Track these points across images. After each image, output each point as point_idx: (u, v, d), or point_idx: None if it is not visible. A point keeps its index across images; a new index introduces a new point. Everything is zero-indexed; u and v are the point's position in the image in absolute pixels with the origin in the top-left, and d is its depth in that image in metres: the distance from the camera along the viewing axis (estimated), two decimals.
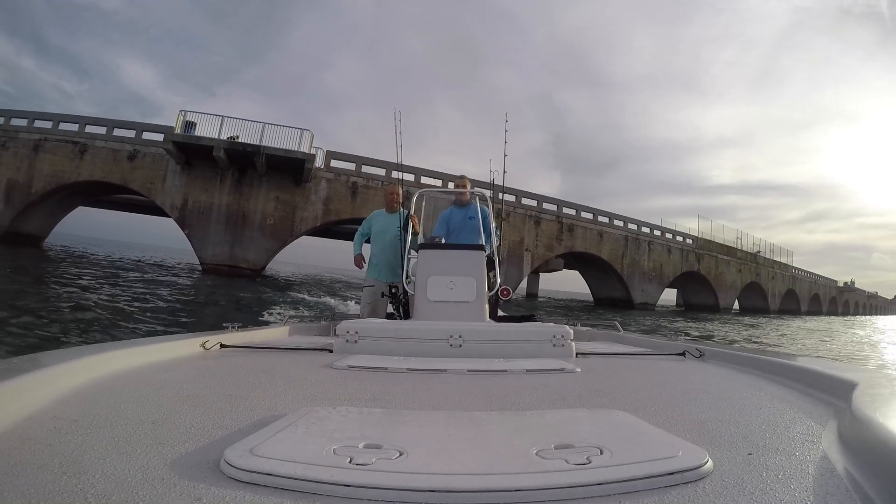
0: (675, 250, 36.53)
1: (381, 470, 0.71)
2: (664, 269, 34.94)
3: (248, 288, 15.50)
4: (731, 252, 43.05)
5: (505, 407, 1.28)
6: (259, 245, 21.75)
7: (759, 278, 46.26)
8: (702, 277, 38.95)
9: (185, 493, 0.66)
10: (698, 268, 38.19)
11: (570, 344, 2.16)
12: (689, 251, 37.90)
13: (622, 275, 31.64)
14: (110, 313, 7.30)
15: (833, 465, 0.81)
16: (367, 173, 23.46)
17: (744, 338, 15.90)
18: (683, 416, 1.15)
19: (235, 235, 21.43)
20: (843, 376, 1.31)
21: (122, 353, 1.55)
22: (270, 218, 21.79)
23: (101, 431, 0.91)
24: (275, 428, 0.90)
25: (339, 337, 2.14)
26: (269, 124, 20.54)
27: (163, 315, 8.32)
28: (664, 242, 35.57)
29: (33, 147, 21.46)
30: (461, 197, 4.10)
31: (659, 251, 34.61)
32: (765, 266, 48.59)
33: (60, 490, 0.66)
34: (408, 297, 3.23)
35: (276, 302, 11.92)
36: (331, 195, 22.58)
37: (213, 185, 21.45)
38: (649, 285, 33.41)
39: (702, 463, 0.75)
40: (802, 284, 57.82)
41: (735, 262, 43.17)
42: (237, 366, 1.73)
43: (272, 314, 8.38)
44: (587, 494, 0.67)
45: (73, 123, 22.30)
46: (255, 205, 21.67)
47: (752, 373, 1.73)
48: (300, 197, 22.10)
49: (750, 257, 46.09)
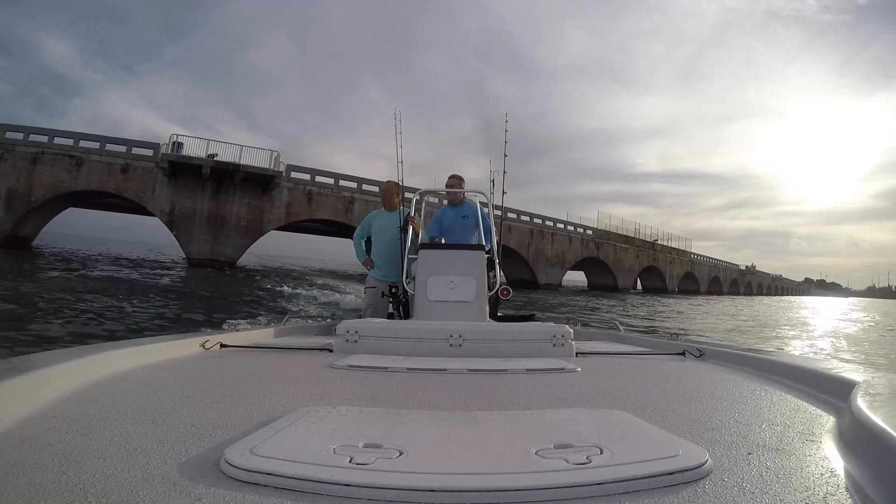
0: (576, 239, 41.48)
1: (381, 470, 0.69)
2: (566, 256, 39.95)
3: (237, 282, 16.92)
4: (629, 241, 47.25)
5: (505, 407, 1.26)
6: (234, 242, 25.38)
7: (656, 262, 50.93)
8: (601, 262, 43.89)
9: (185, 493, 0.65)
10: (598, 254, 43.12)
11: (570, 343, 2.11)
12: (590, 240, 42.82)
13: (528, 261, 35.69)
14: (141, 296, 9.80)
15: (833, 465, 0.80)
16: (320, 182, 27.59)
17: (613, 309, 19.04)
18: (683, 416, 1.12)
19: (215, 234, 24.79)
20: (842, 376, 1.31)
21: (122, 353, 1.50)
22: (243, 220, 25.45)
23: (101, 431, 0.89)
24: (275, 428, 0.88)
25: (339, 337, 2.09)
26: (245, 146, 24.70)
27: (171, 298, 10.44)
28: (566, 234, 40.33)
29: (31, 159, 23.15)
30: (453, 197, 3.94)
31: (561, 240, 39.39)
32: (662, 252, 53.06)
33: (60, 490, 0.64)
34: (408, 296, 3.15)
35: (268, 298, 12.55)
36: (291, 200, 26.53)
37: (196, 193, 24.54)
38: (552, 269, 37.68)
39: (702, 463, 0.74)
40: (701, 268, 62.39)
41: (633, 248, 47.50)
42: (237, 366, 1.70)
43: (271, 314, 8.30)
44: (587, 494, 0.65)
45: (69, 139, 24.21)
46: (230, 209, 25.11)
47: (751, 373, 1.69)
48: (267, 202, 25.88)
49: (647, 245, 50.95)
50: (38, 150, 23.55)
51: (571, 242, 40.96)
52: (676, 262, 56.45)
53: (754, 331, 14.60)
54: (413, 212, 3.65)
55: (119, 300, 9.37)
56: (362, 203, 28.22)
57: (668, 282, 53.04)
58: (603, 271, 45.36)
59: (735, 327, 15.38)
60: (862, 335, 15.61)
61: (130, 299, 9.61)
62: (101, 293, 10.09)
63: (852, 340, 13.51)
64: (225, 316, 8.38)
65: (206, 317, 8.35)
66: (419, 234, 3.58)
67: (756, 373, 1.66)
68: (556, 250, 38.82)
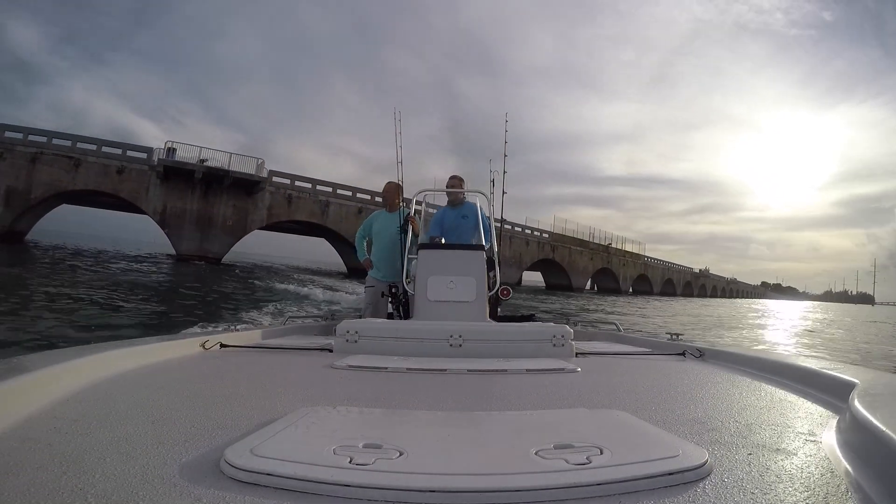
0: (533, 242, 44.05)
1: (381, 470, 0.68)
2: (523, 257, 42.38)
3: (223, 279, 17.49)
4: (583, 244, 50.67)
5: (505, 407, 1.24)
6: (221, 240, 27.22)
7: (610, 265, 53.95)
8: (557, 264, 46.60)
9: (185, 493, 0.64)
10: (553, 256, 45.66)
11: (570, 344, 2.08)
12: (545, 243, 45.38)
13: None
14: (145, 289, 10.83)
15: (833, 465, 0.80)
16: (299, 186, 29.57)
17: (566, 305, 20.90)
18: (683, 416, 1.11)
19: (203, 233, 26.60)
20: (842, 376, 1.29)
21: (122, 353, 1.47)
22: (229, 220, 27.38)
23: (101, 431, 0.87)
24: (275, 428, 0.87)
25: (339, 337, 2.05)
26: (234, 154, 27.08)
27: (166, 289, 11.85)
28: (523, 237, 42.76)
29: (31, 159, 23.84)
30: (454, 197, 3.88)
31: (518, 243, 41.74)
32: (616, 255, 56.03)
33: (60, 490, 0.63)
34: (408, 296, 3.10)
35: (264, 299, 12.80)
36: (272, 203, 28.59)
37: (187, 195, 26.23)
38: (510, 269, 38.73)
39: (702, 463, 0.73)
40: (655, 270, 65.46)
41: (587, 251, 50.71)
42: (237, 366, 1.68)
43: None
44: (587, 495, 0.65)
45: (67, 140, 25.03)
46: (217, 210, 26.98)
47: (752, 373, 1.67)
48: (251, 204, 27.92)
49: (602, 248, 53.95)
50: (37, 150, 24.21)
51: (528, 245, 43.51)
52: (630, 264, 59.26)
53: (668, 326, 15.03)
54: (413, 212, 3.61)
55: (138, 296, 10.00)
56: (337, 206, 30.71)
57: (621, 283, 55.92)
58: (559, 272, 47.89)
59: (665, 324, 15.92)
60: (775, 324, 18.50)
61: (135, 295, 10.23)
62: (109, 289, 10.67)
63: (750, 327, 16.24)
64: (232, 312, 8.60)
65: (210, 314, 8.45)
66: (419, 234, 3.56)
67: (756, 373, 1.65)
68: (513, 252, 40.79)
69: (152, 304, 9.56)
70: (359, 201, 32.03)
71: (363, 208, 31.38)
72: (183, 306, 9.61)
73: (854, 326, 22.55)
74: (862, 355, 10.90)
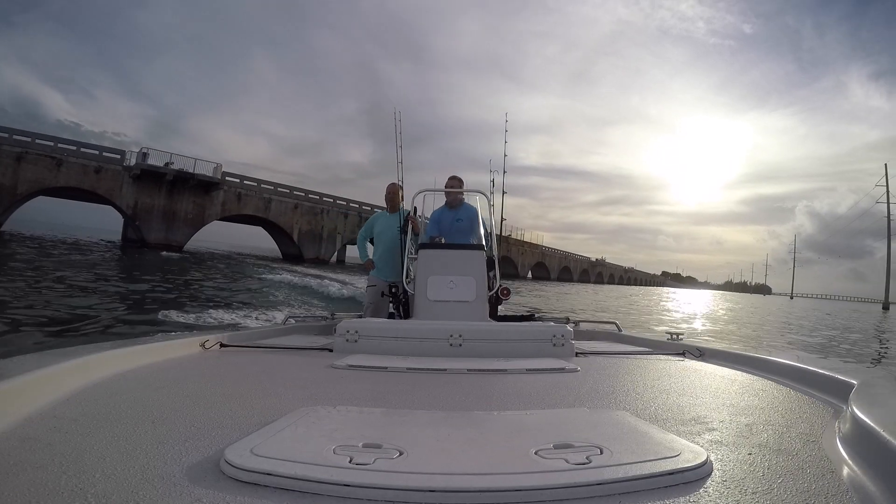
0: None
1: (380, 470, 0.69)
2: None
3: (194, 267, 19.33)
4: None
5: (505, 407, 1.25)
6: (183, 231, 32.12)
7: (509, 253, 57.59)
8: None
9: (185, 493, 0.65)
10: None
11: (570, 343, 2.09)
12: None
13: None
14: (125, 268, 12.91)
15: (833, 465, 0.81)
16: (248, 185, 35.16)
17: None
18: (683, 416, 1.12)
19: (168, 225, 31.30)
20: (842, 376, 1.31)
21: (122, 353, 1.47)
22: (190, 213, 32.23)
23: (101, 431, 0.88)
24: (275, 428, 0.88)
25: (339, 336, 2.07)
26: (198, 160, 32.31)
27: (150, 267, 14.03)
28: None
29: (16, 158, 26.33)
30: (452, 198, 3.81)
31: None
32: (515, 244, 60.79)
33: (60, 490, 0.64)
34: (408, 296, 3.10)
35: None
36: (225, 200, 33.88)
37: (155, 192, 30.66)
38: (318, 245, 41.62)
39: (702, 463, 0.75)
40: (552, 258, 71.92)
41: None
42: (237, 366, 1.68)
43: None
44: (587, 494, 0.66)
45: (49, 141, 28.26)
46: (180, 205, 31.67)
47: (751, 373, 1.69)
48: (208, 201, 33.00)
49: (502, 238, 66.59)
50: (21, 149, 26.75)
51: (347, 218, 44.48)
52: (528, 253, 65.91)
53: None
54: (412, 212, 3.61)
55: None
56: (278, 202, 36.45)
57: (520, 269, 62.00)
58: None
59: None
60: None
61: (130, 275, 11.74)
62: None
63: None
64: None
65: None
66: (419, 234, 3.57)
67: (756, 373, 1.67)
68: (327, 226, 42.79)
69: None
70: (295, 198, 38.12)
71: (299, 204, 37.74)
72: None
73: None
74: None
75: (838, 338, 13.51)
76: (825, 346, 11.38)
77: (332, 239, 40.92)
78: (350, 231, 40.81)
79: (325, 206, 40.21)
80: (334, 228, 40.74)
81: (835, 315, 28.20)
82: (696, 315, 20.28)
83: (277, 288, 13.43)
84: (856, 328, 18.10)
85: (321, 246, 39.72)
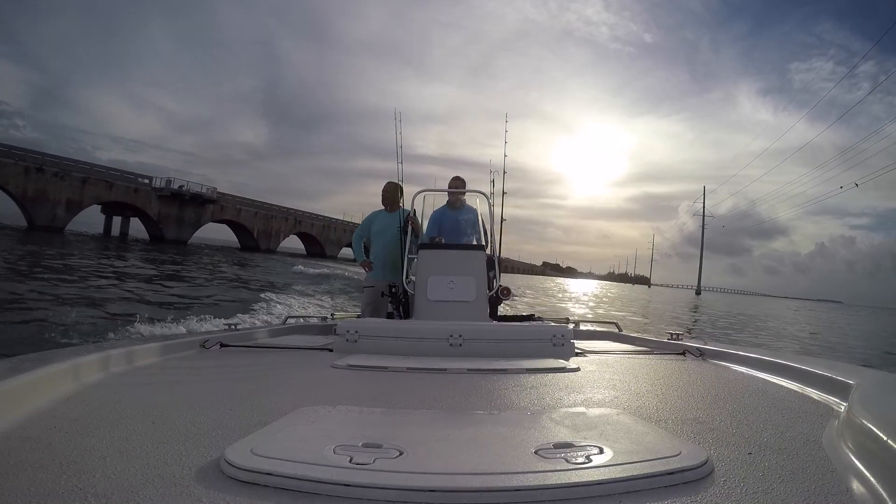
0: (291, 219, 59.67)
1: (380, 470, 0.69)
2: (281, 230, 58.47)
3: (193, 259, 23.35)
4: (330, 224, 64.73)
5: (505, 407, 1.25)
6: (188, 231, 45.43)
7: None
8: (312, 236, 61.77)
9: (185, 493, 0.65)
10: (312, 231, 61.46)
11: (570, 343, 2.08)
12: (303, 219, 61.35)
13: (254, 234, 54.27)
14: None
15: (833, 464, 0.80)
16: (227, 198, 49.20)
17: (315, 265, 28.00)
18: (683, 416, 1.12)
19: (179, 227, 44.63)
20: (841, 376, 1.31)
21: (122, 353, 1.48)
22: (192, 218, 45.71)
23: (101, 431, 0.89)
24: (275, 428, 0.88)
25: (339, 336, 2.06)
26: (205, 185, 47.18)
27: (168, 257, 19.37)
28: (283, 214, 58.38)
29: (82, 181, 38.24)
30: (453, 199, 3.86)
31: (278, 220, 57.12)
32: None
33: (60, 490, 0.64)
34: (408, 296, 3.11)
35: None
36: (213, 210, 47.40)
37: (171, 205, 43.96)
38: (269, 239, 56.07)
39: (702, 462, 0.74)
40: None
41: (342, 225, 65.01)
42: (237, 366, 1.69)
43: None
44: (587, 494, 0.65)
45: (102, 168, 41.65)
46: (187, 215, 45.14)
47: (751, 373, 1.70)
48: (203, 211, 46.58)
49: (340, 224, 66.36)
50: (85, 175, 39.36)
51: (287, 220, 59.08)
52: None
53: None
54: (412, 212, 3.60)
55: None
56: (248, 212, 50.98)
57: None
58: (313, 243, 63.41)
59: None
60: None
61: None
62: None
63: None
64: None
65: None
66: (419, 234, 3.57)
67: (756, 373, 1.68)
68: (275, 227, 57.85)
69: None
70: (256, 207, 53.29)
71: (258, 212, 52.63)
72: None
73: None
74: None
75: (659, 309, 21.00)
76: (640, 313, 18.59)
77: (278, 235, 57.45)
78: (289, 228, 58.40)
79: (274, 213, 56.15)
80: (279, 227, 57.29)
81: (677, 300, 38.97)
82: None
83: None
84: (674, 302, 30.56)
85: (271, 241, 56.29)
